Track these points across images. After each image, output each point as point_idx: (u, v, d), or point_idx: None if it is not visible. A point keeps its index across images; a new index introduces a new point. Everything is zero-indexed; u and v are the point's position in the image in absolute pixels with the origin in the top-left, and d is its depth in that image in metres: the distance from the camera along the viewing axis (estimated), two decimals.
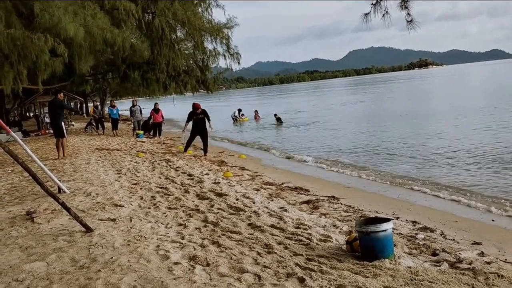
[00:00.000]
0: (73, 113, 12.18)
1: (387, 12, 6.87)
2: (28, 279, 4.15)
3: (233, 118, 33.73)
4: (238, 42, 26.13)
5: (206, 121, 14.54)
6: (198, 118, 14.39)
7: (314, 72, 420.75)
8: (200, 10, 24.24)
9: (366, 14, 7.01)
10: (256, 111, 34.66)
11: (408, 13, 6.89)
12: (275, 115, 29.09)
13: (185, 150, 14.78)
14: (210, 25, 24.25)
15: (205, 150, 14.72)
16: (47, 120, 28.05)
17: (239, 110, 34.89)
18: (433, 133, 17.14)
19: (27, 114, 45.10)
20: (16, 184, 9.56)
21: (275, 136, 22.44)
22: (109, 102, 27.75)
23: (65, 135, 13.53)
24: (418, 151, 13.77)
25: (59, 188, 8.00)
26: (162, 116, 21.74)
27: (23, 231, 5.83)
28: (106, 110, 31.42)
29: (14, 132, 8.50)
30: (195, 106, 14.36)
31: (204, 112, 14.47)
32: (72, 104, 50.00)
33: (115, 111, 23.03)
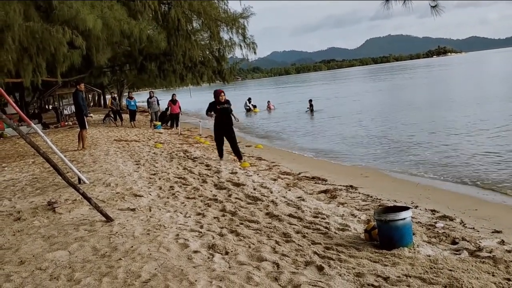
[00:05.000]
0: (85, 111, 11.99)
1: None
2: (51, 267, 4.24)
3: (245, 109, 33.46)
4: (254, 32, 25.98)
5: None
6: (223, 108, 10.80)
7: (331, 61, 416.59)
8: (215, 0, 24.18)
9: (387, 1, 6.90)
10: (268, 101, 34.26)
11: None
12: (310, 100, 28.50)
13: (220, 156, 11.26)
14: (226, 15, 24.15)
15: (238, 154, 11.17)
16: (66, 112, 28.41)
17: (249, 100, 34.42)
18: (458, 123, 16.76)
19: (46, 107, 45.69)
20: (37, 175, 9.72)
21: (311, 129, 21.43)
22: (127, 93, 27.98)
23: (86, 127, 13.69)
24: (440, 140, 13.57)
25: (79, 179, 8.12)
26: (180, 107, 21.83)
27: (45, 221, 5.95)
28: (124, 101, 31.66)
29: (34, 124, 8.62)
30: (218, 94, 10.85)
31: (228, 102, 11.02)
32: (90, 96, 50.51)
33: (132, 103, 23.21)
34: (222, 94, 10.84)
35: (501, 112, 17.89)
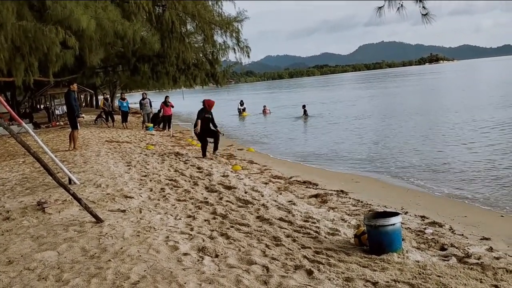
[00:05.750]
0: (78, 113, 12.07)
1: (402, 5, 6.79)
2: (39, 267, 4.22)
3: (238, 111, 33.28)
4: (248, 36, 25.96)
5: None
6: (208, 118, 12.15)
7: (324, 66, 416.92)
8: (210, 3, 24.18)
9: (380, 8, 6.94)
10: (264, 106, 33.85)
11: (423, 6, 6.80)
12: (304, 106, 27.97)
13: (203, 155, 12.09)
14: (220, 19, 24.18)
15: (216, 147, 12.43)
16: (57, 112, 28.27)
17: (241, 103, 34.02)
18: (450, 130, 16.77)
19: (38, 106, 45.43)
20: (27, 175, 9.66)
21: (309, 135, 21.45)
22: (119, 94, 27.88)
23: (78, 127, 13.63)
24: (432, 147, 13.62)
25: (70, 179, 8.08)
26: (172, 106, 21.75)
27: (34, 221, 5.91)
28: (116, 102, 31.56)
29: (25, 123, 8.58)
30: (211, 104, 12.25)
31: (211, 113, 12.29)
32: (82, 96, 50.30)
33: (125, 104, 23.13)
34: (212, 106, 12.26)
35: (492, 119, 18.00)
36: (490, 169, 10.15)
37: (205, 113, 12.06)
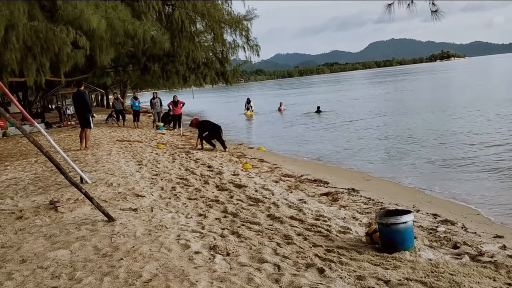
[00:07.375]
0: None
1: (412, 1, 6.72)
2: (52, 266, 4.25)
3: (246, 109, 32.99)
4: (257, 34, 25.93)
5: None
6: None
7: (334, 64, 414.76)
8: (219, 2, 24.19)
9: (389, 5, 6.88)
10: (280, 103, 33.62)
11: (433, 3, 6.74)
12: (318, 107, 28.24)
13: (202, 146, 14.17)
14: (230, 17, 24.16)
15: (223, 146, 13.89)
16: (69, 112, 28.46)
17: (248, 101, 33.21)
18: (467, 131, 16.33)
19: (49, 106, 45.73)
20: (39, 174, 9.74)
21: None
22: (132, 93, 27.99)
23: (91, 126, 13.68)
24: (443, 146, 13.47)
25: (82, 179, 8.14)
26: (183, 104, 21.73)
27: (47, 220, 5.96)
28: (128, 101, 31.65)
29: (37, 123, 8.64)
30: (194, 122, 14.65)
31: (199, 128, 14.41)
32: (93, 96, 50.56)
33: (137, 103, 23.23)
34: (196, 122, 14.60)
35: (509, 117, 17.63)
36: (502, 167, 10.01)
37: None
